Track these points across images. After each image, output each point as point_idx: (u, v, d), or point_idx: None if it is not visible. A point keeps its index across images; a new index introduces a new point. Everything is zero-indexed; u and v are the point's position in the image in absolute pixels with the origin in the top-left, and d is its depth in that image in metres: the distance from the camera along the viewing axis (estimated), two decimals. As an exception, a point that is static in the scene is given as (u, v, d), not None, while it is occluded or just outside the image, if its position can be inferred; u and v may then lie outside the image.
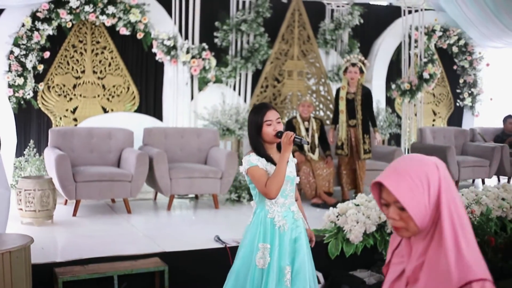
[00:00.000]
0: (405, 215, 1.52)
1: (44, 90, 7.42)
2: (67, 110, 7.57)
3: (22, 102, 7.18)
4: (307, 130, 6.81)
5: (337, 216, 4.78)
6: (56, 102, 7.50)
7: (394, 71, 9.60)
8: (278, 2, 8.52)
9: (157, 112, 8.01)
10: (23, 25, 7.03)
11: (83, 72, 7.64)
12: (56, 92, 7.50)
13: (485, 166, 8.30)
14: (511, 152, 8.64)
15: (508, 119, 9.40)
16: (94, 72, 7.70)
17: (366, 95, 6.87)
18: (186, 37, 7.72)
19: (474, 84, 10.32)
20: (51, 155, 5.94)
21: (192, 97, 7.87)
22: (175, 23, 7.68)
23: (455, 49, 10.10)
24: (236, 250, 3.22)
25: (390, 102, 9.58)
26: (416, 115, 9.43)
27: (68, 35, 7.51)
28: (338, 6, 8.93)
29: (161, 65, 7.90)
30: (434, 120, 10.27)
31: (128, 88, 7.89)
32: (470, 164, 8.18)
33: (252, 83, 8.45)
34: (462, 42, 10.04)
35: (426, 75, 8.98)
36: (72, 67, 7.58)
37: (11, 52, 7.02)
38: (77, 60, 7.60)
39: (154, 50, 7.58)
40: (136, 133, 6.82)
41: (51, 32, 7.18)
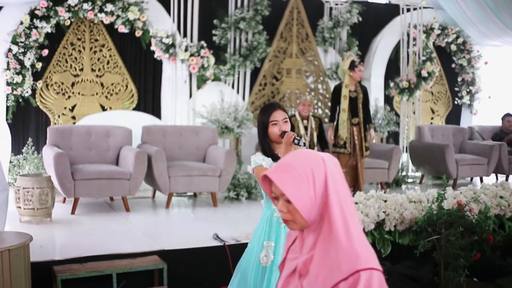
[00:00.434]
0: (291, 207, 1.55)
1: (43, 88, 7.41)
2: (65, 108, 7.56)
3: (21, 100, 7.17)
4: (306, 128, 6.81)
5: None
6: (55, 100, 7.49)
7: (392, 69, 9.60)
8: (277, 0, 8.51)
9: (155, 110, 8.01)
10: (21, 23, 7.02)
11: (81, 70, 7.63)
12: (55, 90, 7.49)
13: (483, 164, 8.32)
14: (509, 150, 8.65)
15: (506, 117, 9.41)
16: (93, 70, 7.69)
17: (365, 93, 6.92)
18: (185, 35, 7.72)
19: (473, 82, 10.33)
20: (50, 153, 5.94)
21: (190, 95, 7.87)
22: (174, 21, 7.68)
23: (453, 47, 10.10)
24: (234, 248, 3.23)
25: (388, 100, 9.58)
26: (414, 113, 9.44)
27: (67, 33, 7.49)
28: (337, 4, 8.93)
29: (159, 63, 7.89)
30: (432, 118, 10.27)
31: (127, 86, 7.89)
32: (468, 162, 8.19)
33: (251, 81, 8.45)
34: (460, 40, 10.04)
35: (424, 73, 8.98)
36: (71, 65, 7.57)
37: (9, 50, 7.01)
38: (75, 58, 7.59)
39: (153, 48, 7.58)
40: (134, 131, 6.82)
41: (49, 30, 7.17)
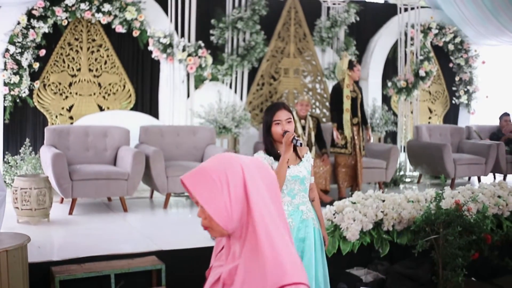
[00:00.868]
0: (208, 214, 1.48)
1: (40, 88, 7.40)
2: (63, 108, 7.55)
3: (18, 100, 7.15)
4: (303, 128, 6.81)
5: (333, 214, 4.78)
6: (52, 100, 7.48)
7: (390, 68, 9.60)
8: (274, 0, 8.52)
9: (153, 110, 8.00)
10: (19, 23, 7.01)
11: (79, 70, 7.62)
12: (52, 90, 7.47)
13: (481, 164, 8.32)
14: (507, 149, 8.66)
15: (504, 117, 9.42)
16: (90, 70, 7.68)
17: (362, 93, 7.01)
18: (182, 35, 7.71)
19: (470, 81, 10.34)
20: (47, 154, 5.93)
21: (188, 95, 7.86)
22: (171, 21, 7.67)
23: (451, 46, 10.11)
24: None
25: (386, 99, 9.58)
26: (412, 112, 9.44)
27: (64, 33, 7.48)
28: (334, 4, 8.92)
29: (157, 63, 7.89)
30: (430, 118, 10.28)
31: (124, 86, 7.88)
32: (466, 161, 8.20)
33: (248, 81, 8.45)
34: (458, 40, 10.06)
35: (422, 72, 8.98)
36: (68, 65, 7.55)
37: (7, 50, 6.99)
38: (73, 58, 7.58)
39: (150, 48, 7.57)
40: (132, 131, 6.81)
41: (46, 30, 7.15)
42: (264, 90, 8.56)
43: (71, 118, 7.56)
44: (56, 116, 7.50)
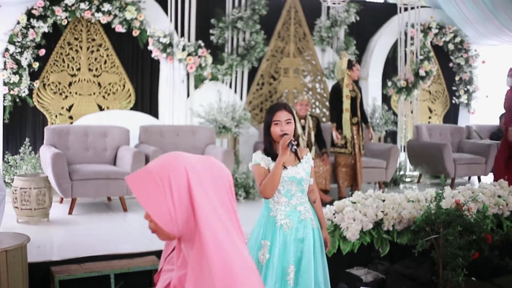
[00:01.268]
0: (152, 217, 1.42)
1: (40, 88, 7.39)
2: (62, 108, 7.54)
3: (18, 100, 7.15)
4: (303, 128, 6.80)
5: (333, 214, 4.77)
6: (52, 100, 7.47)
7: (390, 68, 9.60)
8: (274, -1, 8.52)
9: (153, 110, 7.99)
10: (18, 22, 7.00)
11: (78, 69, 7.61)
12: (52, 90, 7.47)
13: (481, 164, 8.32)
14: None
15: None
16: (90, 69, 7.67)
17: (361, 92, 7.02)
18: (182, 34, 7.70)
19: (470, 81, 10.34)
20: (47, 153, 5.92)
21: (188, 94, 7.86)
22: (171, 21, 7.66)
23: (451, 46, 10.10)
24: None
25: (386, 99, 9.58)
26: (412, 112, 9.44)
27: (64, 33, 7.47)
28: (334, 4, 8.91)
29: (157, 62, 7.88)
30: (430, 117, 10.28)
31: (124, 85, 7.87)
32: (466, 161, 8.20)
33: (248, 80, 8.44)
34: (458, 40, 10.05)
35: (422, 72, 8.98)
36: (68, 65, 7.55)
37: (6, 49, 6.98)
38: (72, 57, 7.57)
39: (150, 47, 7.56)
40: (132, 131, 6.80)
41: (46, 30, 7.15)
42: (264, 89, 8.56)
43: (70, 117, 7.55)
44: (56, 116, 7.49)
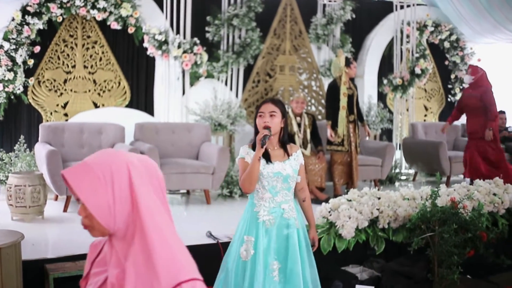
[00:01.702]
0: (89, 212, 1.42)
1: (35, 85, 7.36)
2: (57, 105, 7.51)
3: (12, 97, 7.12)
4: (299, 125, 6.80)
5: (329, 212, 4.77)
6: (47, 97, 7.44)
7: (386, 66, 9.60)
8: (270, -4, 8.50)
9: (148, 107, 7.97)
10: (13, 19, 6.96)
11: (73, 67, 7.58)
12: (47, 87, 7.44)
13: (476, 161, 8.31)
14: (502, 147, 8.66)
15: (499, 115, 9.41)
16: (85, 66, 7.65)
17: (357, 90, 7.03)
18: (178, 31, 7.69)
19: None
20: (42, 151, 5.90)
21: (183, 92, 7.84)
22: (167, 18, 7.64)
23: (446, 44, 10.11)
24: (228, 246, 3.22)
25: (382, 97, 9.58)
26: (407, 110, 9.45)
27: (59, 30, 7.45)
28: (330, 1, 8.90)
29: (152, 60, 7.86)
30: (425, 115, 10.29)
31: (119, 83, 7.85)
32: (461, 159, 8.19)
33: (244, 78, 8.43)
34: (453, 38, 10.06)
35: (418, 70, 8.99)
36: (63, 62, 7.52)
37: (1, 46, 6.94)
38: (67, 54, 7.54)
39: (146, 44, 7.54)
40: (127, 128, 6.78)
41: (41, 27, 7.12)
42: (260, 87, 8.55)
43: (66, 115, 7.53)
44: (51, 113, 7.46)
